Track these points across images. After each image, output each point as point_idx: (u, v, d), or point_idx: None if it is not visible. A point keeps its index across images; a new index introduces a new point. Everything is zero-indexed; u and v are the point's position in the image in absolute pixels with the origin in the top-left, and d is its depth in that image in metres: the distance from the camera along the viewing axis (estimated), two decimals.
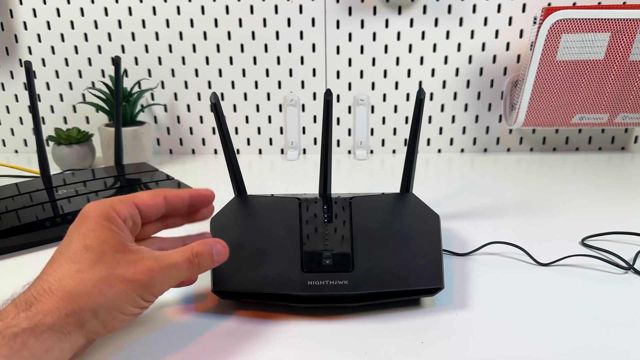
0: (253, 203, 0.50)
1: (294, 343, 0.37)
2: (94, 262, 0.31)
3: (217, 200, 0.42)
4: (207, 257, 0.35)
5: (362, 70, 0.92)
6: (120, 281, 0.31)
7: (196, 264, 0.35)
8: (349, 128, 0.96)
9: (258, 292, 0.40)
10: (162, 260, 0.33)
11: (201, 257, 0.35)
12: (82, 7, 0.89)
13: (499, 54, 0.90)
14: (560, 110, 0.85)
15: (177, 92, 0.94)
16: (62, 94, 0.95)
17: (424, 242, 0.45)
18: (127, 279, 0.31)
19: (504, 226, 0.59)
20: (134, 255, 0.32)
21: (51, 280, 0.30)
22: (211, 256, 0.36)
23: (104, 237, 0.32)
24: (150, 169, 0.74)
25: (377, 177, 0.83)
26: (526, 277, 0.47)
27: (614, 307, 0.41)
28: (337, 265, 0.42)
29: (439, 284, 0.41)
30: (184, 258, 0.34)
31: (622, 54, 0.78)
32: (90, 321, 0.30)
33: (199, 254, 0.35)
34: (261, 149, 0.98)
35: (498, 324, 0.39)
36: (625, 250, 0.51)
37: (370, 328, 0.39)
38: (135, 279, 0.31)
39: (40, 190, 0.63)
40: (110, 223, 0.33)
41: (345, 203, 0.49)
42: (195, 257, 0.34)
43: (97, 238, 0.32)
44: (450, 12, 0.88)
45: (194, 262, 0.34)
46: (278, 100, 0.94)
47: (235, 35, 0.90)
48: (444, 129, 0.95)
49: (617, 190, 0.72)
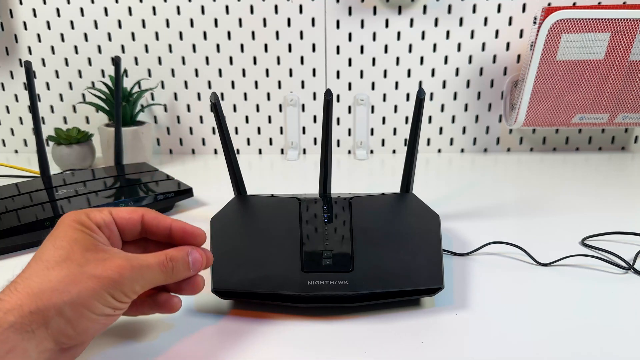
0: (253, 203, 0.50)
1: (294, 343, 0.37)
2: (62, 260, 0.30)
3: (217, 200, 0.42)
4: (181, 262, 0.35)
5: (362, 70, 0.92)
6: (87, 277, 0.30)
7: (170, 268, 0.34)
8: (349, 128, 0.96)
9: (258, 292, 0.40)
10: (134, 260, 0.32)
11: (175, 261, 0.34)
12: (82, 7, 0.89)
13: (499, 54, 0.90)
14: (561, 110, 0.85)
15: (177, 92, 0.94)
16: (62, 94, 0.95)
17: (424, 242, 0.45)
18: (95, 275, 0.30)
19: (504, 226, 0.59)
20: (104, 253, 0.32)
21: (18, 280, 0.30)
22: (186, 263, 0.35)
23: (75, 236, 0.32)
24: (150, 169, 0.74)
25: (377, 177, 0.83)
26: (526, 277, 0.47)
27: (614, 307, 0.41)
28: (337, 265, 0.42)
29: (439, 284, 0.41)
30: (157, 260, 0.33)
31: (622, 54, 0.78)
32: (54, 319, 0.28)
33: (173, 259, 0.34)
34: (261, 149, 0.98)
35: (498, 324, 0.39)
36: (625, 250, 0.51)
37: (370, 328, 0.39)
38: (103, 275, 0.30)
39: (40, 190, 0.63)
40: (82, 226, 0.33)
41: (345, 203, 0.49)
42: (169, 261, 0.34)
43: (67, 238, 0.32)
44: (450, 12, 0.88)
45: (167, 266, 0.34)
46: (278, 100, 0.94)
47: (235, 35, 0.90)
48: (444, 129, 0.95)
49: (617, 190, 0.72)
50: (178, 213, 0.65)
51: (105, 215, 0.35)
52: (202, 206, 0.67)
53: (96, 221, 0.34)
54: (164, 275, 0.34)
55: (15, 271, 0.31)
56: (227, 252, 0.43)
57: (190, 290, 0.37)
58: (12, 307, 0.28)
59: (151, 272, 0.33)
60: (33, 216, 0.55)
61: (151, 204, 0.63)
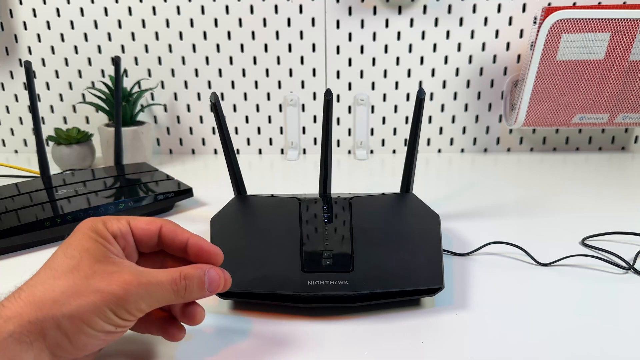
0: (253, 203, 0.50)
1: (294, 343, 0.37)
2: (70, 270, 0.29)
3: (217, 200, 0.42)
4: (196, 281, 0.32)
5: (362, 70, 0.92)
6: (91, 291, 0.28)
7: (182, 287, 0.31)
8: (349, 128, 0.96)
9: (258, 292, 0.40)
10: (144, 276, 0.30)
11: (189, 280, 0.32)
12: (82, 7, 0.89)
13: (499, 53, 0.90)
14: (561, 110, 0.85)
15: (177, 92, 0.94)
16: (62, 94, 0.95)
17: (424, 242, 0.45)
18: (99, 289, 0.28)
19: (504, 226, 0.59)
20: (114, 266, 0.30)
21: (23, 287, 0.29)
22: (201, 282, 0.32)
23: (87, 246, 0.30)
24: (150, 169, 0.74)
25: (377, 177, 0.83)
26: (526, 277, 0.47)
27: (614, 307, 0.41)
28: (337, 265, 0.42)
29: (439, 284, 0.41)
30: (169, 277, 0.31)
31: (622, 54, 0.78)
32: (52, 331, 0.27)
33: (187, 277, 0.32)
34: (261, 149, 0.98)
35: (498, 324, 0.39)
36: (625, 250, 0.51)
37: (370, 328, 0.39)
38: (107, 290, 0.28)
39: (40, 190, 0.63)
40: (97, 235, 0.31)
41: (345, 203, 0.49)
42: (182, 279, 0.31)
43: (80, 246, 0.30)
44: (451, 12, 0.88)
45: (179, 284, 0.31)
46: (278, 100, 0.94)
47: (235, 35, 0.90)
48: (444, 129, 0.95)
49: (617, 190, 0.72)
50: (178, 213, 0.65)
51: (123, 224, 0.33)
52: (202, 206, 0.67)
53: (112, 230, 0.33)
54: (175, 295, 0.31)
55: (23, 277, 0.30)
56: (227, 252, 0.43)
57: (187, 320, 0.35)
58: (13, 315, 0.27)
59: (161, 289, 0.31)
60: (33, 216, 0.55)
61: (151, 204, 0.63)
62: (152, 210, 0.63)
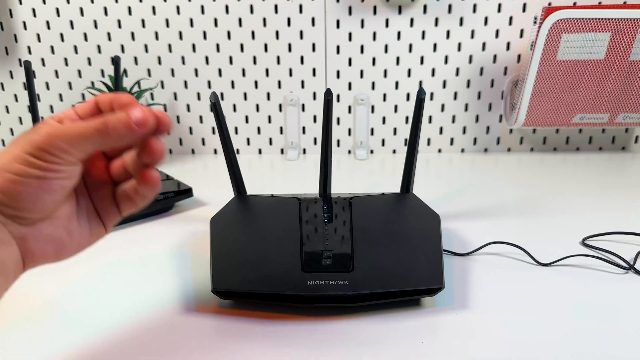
0: (253, 203, 0.50)
1: (294, 343, 0.37)
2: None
3: (217, 200, 0.42)
4: (118, 116, 0.30)
5: (362, 70, 0.92)
6: (11, 144, 0.29)
7: (103, 124, 0.30)
8: (349, 128, 0.96)
9: (258, 292, 0.40)
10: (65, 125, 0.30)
11: (111, 116, 0.30)
12: (82, 6, 0.89)
13: (499, 53, 0.90)
14: (561, 110, 0.85)
15: (176, 92, 0.94)
16: (61, 94, 0.95)
17: (424, 242, 0.44)
18: (18, 141, 0.29)
19: (504, 226, 0.59)
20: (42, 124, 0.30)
21: None
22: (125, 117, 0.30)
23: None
24: None
25: (377, 177, 0.83)
26: (527, 277, 0.47)
27: (615, 307, 0.41)
28: (337, 265, 0.41)
29: (440, 284, 0.41)
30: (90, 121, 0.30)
31: (622, 54, 0.78)
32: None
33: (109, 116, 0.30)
34: (261, 148, 0.98)
35: (498, 324, 0.39)
36: (625, 250, 0.51)
37: (370, 328, 0.39)
38: (25, 139, 0.29)
39: None
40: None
41: (345, 203, 0.49)
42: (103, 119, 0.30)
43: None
44: (451, 11, 0.88)
45: (100, 122, 0.30)
46: (278, 100, 0.94)
47: (235, 35, 0.90)
48: (444, 128, 0.95)
49: (618, 190, 0.72)
50: (178, 213, 0.65)
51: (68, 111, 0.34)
52: (202, 206, 0.67)
53: (58, 118, 0.33)
54: (99, 134, 0.30)
55: None
56: (227, 252, 0.43)
57: (148, 154, 0.33)
58: None
59: (80, 128, 0.29)
60: None
61: (150, 203, 0.62)
62: (151, 210, 0.63)
